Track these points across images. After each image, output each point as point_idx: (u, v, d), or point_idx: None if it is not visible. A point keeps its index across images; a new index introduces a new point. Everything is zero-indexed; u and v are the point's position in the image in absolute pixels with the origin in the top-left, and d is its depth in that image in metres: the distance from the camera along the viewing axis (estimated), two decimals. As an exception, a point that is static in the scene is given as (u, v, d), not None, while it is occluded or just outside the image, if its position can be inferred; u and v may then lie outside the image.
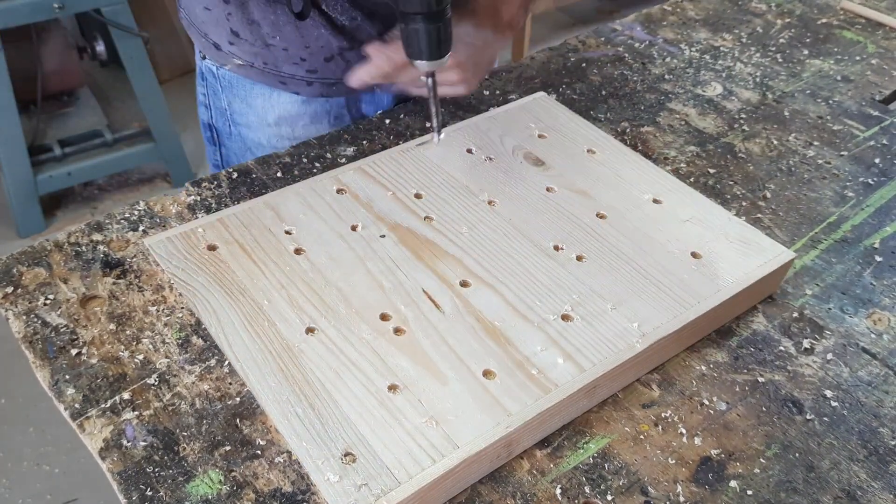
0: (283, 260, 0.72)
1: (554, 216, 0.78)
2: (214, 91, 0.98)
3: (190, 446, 0.59)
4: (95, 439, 0.60)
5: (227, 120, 0.99)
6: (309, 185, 0.80)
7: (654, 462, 0.61)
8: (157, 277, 0.72)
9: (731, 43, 1.14)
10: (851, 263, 0.80)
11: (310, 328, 0.66)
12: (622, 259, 0.73)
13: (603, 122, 0.97)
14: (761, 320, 0.74)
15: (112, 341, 0.67)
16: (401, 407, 0.60)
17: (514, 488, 0.59)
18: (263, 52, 0.89)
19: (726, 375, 0.69)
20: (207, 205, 0.80)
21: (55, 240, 0.76)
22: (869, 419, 0.66)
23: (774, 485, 0.61)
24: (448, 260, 0.72)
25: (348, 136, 0.91)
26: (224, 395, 0.63)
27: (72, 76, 2.41)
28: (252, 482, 0.58)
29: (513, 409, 0.60)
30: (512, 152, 0.86)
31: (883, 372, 0.70)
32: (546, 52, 1.10)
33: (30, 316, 0.68)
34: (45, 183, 2.24)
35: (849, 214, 0.86)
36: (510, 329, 0.66)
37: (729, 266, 0.73)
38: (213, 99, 0.99)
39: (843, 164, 0.92)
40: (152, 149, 2.37)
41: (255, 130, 0.98)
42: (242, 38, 0.89)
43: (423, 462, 0.56)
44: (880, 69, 1.09)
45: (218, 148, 1.03)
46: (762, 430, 0.64)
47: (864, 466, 0.62)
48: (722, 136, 0.96)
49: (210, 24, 0.90)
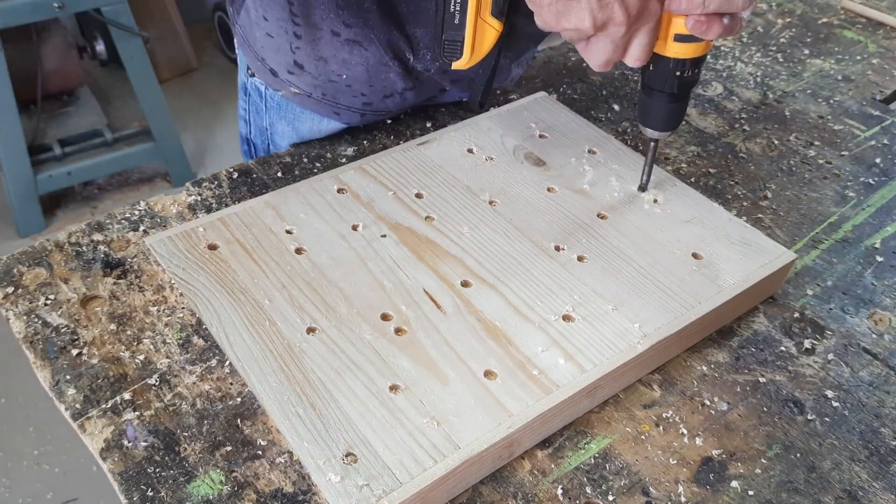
0: (284, 259, 0.72)
1: (555, 216, 0.78)
2: (257, 109, 0.96)
3: (191, 447, 0.59)
4: (96, 439, 0.60)
5: (267, 139, 0.98)
6: (310, 184, 0.80)
7: (655, 462, 0.61)
8: (158, 277, 0.72)
9: (732, 43, 1.14)
10: (852, 263, 0.80)
11: (311, 328, 0.66)
12: (623, 259, 0.73)
13: (604, 122, 0.97)
14: (762, 320, 0.74)
15: (113, 341, 0.66)
16: (402, 407, 0.60)
17: (516, 489, 0.59)
18: (325, 85, 0.87)
19: (727, 376, 0.68)
20: (208, 204, 0.80)
21: (55, 240, 0.76)
22: (870, 419, 0.66)
23: (776, 485, 0.61)
24: (449, 260, 0.72)
25: (349, 136, 0.91)
26: (225, 395, 0.63)
27: (72, 76, 2.41)
28: (253, 482, 0.57)
29: (514, 409, 0.60)
30: (513, 152, 0.86)
31: (884, 372, 0.70)
32: (546, 52, 1.10)
33: (30, 316, 0.68)
34: (45, 182, 2.24)
35: (850, 214, 0.86)
36: (511, 329, 0.66)
37: (730, 267, 0.73)
38: (255, 116, 0.97)
39: (844, 163, 0.92)
40: (152, 149, 2.37)
41: None
42: (306, 71, 0.86)
43: (424, 462, 0.56)
44: (881, 69, 1.09)
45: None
46: (763, 430, 0.64)
47: (866, 467, 0.62)
48: (723, 136, 0.96)
49: (270, 50, 0.87)
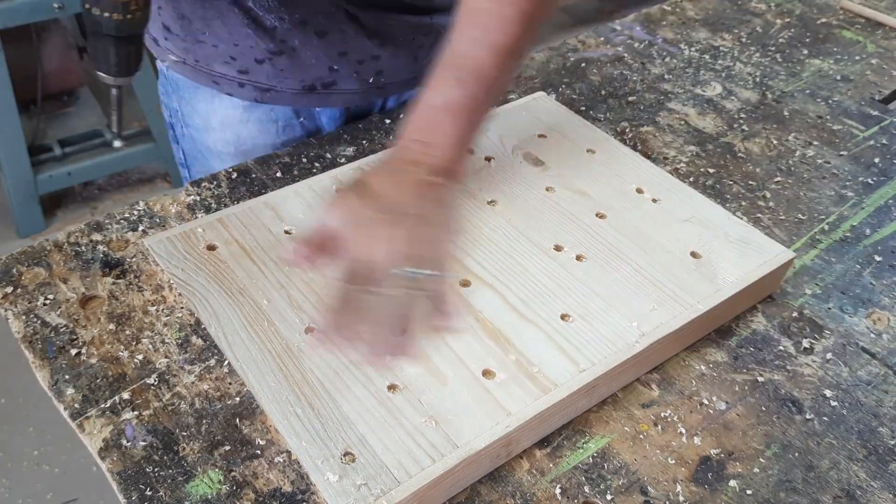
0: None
1: (554, 216, 0.78)
2: (166, 90, 0.98)
3: (189, 446, 0.59)
4: (95, 439, 0.60)
5: (179, 121, 0.99)
6: (309, 184, 0.80)
7: (653, 462, 0.61)
8: (157, 277, 0.72)
9: (731, 43, 1.14)
10: (851, 263, 0.80)
11: (309, 328, 0.66)
12: (622, 259, 0.73)
13: (602, 121, 0.97)
14: (761, 320, 0.74)
15: (112, 341, 0.67)
16: (400, 406, 0.60)
17: (514, 488, 0.59)
18: (194, 48, 0.88)
19: (726, 375, 0.69)
20: (207, 205, 0.80)
21: (55, 240, 0.76)
22: (868, 419, 0.66)
23: (774, 484, 0.61)
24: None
25: (348, 136, 0.92)
26: (224, 394, 0.63)
27: (72, 76, 2.41)
28: (252, 482, 0.58)
29: (512, 408, 0.60)
30: (512, 152, 0.86)
31: (882, 371, 0.70)
32: (546, 51, 1.10)
33: (29, 316, 0.68)
34: (45, 183, 2.24)
35: (848, 214, 0.86)
36: (510, 329, 0.66)
37: (728, 266, 0.73)
38: (166, 98, 0.99)
39: (843, 163, 0.92)
40: (152, 149, 2.36)
41: (203, 133, 0.97)
42: (174, 33, 0.88)
43: (422, 462, 0.56)
44: (880, 69, 1.09)
45: (180, 146, 1.03)
46: (762, 429, 0.64)
47: (864, 466, 0.62)
48: (721, 135, 0.96)
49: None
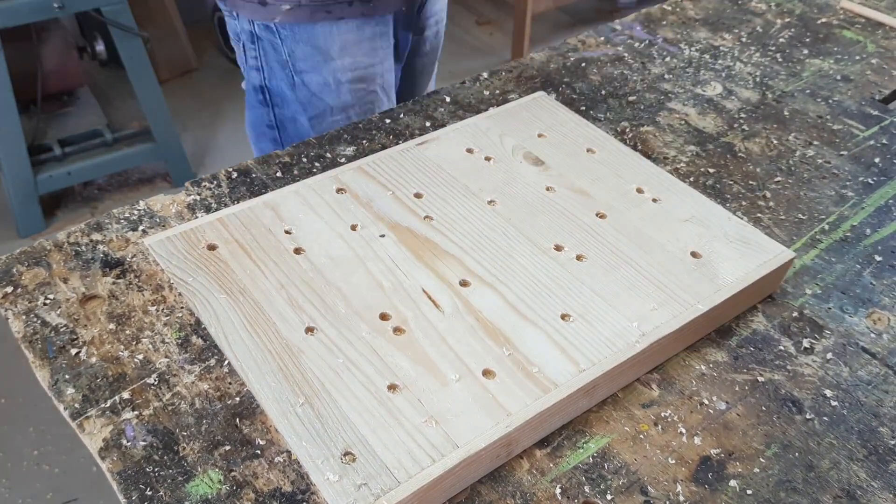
0: (283, 259, 0.72)
1: (554, 216, 0.78)
2: (273, 46, 1.02)
3: (189, 446, 0.59)
4: (95, 439, 0.60)
5: (290, 71, 1.04)
6: (308, 184, 0.80)
7: (653, 462, 0.61)
8: (157, 277, 0.72)
9: (731, 42, 1.14)
10: (851, 263, 0.80)
11: (309, 328, 0.66)
12: (622, 259, 0.73)
13: (603, 121, 0.97)
14: (761, 320, 0.74)
15: (112, 341, 0.67)
16: (400, 406, 0.60)
17: (514, 488, 0.59)
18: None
19: (726, 375, 0.69)
20: (207, 204, 0.80)
21: (55, 239, 0.76)
22: (869, 419, 0.66)
23: (774, 484, 0.61)
24: (448, 259, 0.72)
25: (348, 136, 0.92)
26: (224, 394, 0.63)
27: (72, 76, 2.41)
28: (252, 482, 0.58)
29: (512, 408, 0.60)
30: (512, 152, 0.86)
31: (882, 371, 0.70)
32: (546, 51, 1.10)
33: (29, 316, 0.68)
34: (45, 183, 2.24)
35: (849, 214, 0.86)
36: (510, 329, 0.66)
37: (729, 266, 0.73)
38: (271, 56, 1.03)
39: (843, 163, 0.92)
40: (152, 149, 2.37)
41: (322, 71, 1.03)
42: None
43: (422, 462, 0.56)
44: (880, 69, 1.09)
45: (271, 109, 1.07)
46: (762, 429, 0.64)
47: (864, 466, 0.62)
48: (722, 135, 0.96)
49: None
